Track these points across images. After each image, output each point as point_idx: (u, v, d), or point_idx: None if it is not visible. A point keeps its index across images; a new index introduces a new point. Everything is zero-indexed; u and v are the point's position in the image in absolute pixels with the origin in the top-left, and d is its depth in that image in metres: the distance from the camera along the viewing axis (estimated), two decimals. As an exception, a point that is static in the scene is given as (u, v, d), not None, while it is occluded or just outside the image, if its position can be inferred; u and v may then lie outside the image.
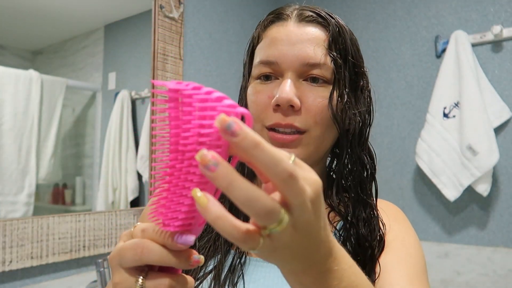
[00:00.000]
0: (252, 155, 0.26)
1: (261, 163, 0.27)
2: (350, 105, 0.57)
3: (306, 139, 0.56)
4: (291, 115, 0.55)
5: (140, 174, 1.43)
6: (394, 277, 0.51)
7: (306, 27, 0.58)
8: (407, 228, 0.61)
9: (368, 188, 0.60)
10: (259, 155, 0.26)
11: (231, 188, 0.26)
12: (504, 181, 1.60)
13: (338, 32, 0.58)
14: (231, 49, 1.80)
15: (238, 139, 0.26)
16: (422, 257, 0.57)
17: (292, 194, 0.27)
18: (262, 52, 0.59)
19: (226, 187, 0.26)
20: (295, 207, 0.28)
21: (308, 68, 0.56)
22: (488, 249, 1.59)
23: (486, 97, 1.58)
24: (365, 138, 0.60)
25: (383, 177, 1.85)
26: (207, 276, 0.55)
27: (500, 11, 1.63)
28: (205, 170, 0.26)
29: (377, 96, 1.88)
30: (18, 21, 1.13)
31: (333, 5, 2.05)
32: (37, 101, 1.15)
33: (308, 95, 0.55)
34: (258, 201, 0.26)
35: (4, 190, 1.07)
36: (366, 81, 0.61)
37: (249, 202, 0.26)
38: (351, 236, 0.56)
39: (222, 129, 0.26)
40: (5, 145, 1.08)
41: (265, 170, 0.27)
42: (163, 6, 1.50)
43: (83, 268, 1.24)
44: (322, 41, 0.57)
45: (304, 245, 0.31)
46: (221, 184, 0.26)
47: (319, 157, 0.59)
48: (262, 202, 0.26)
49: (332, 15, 0.60)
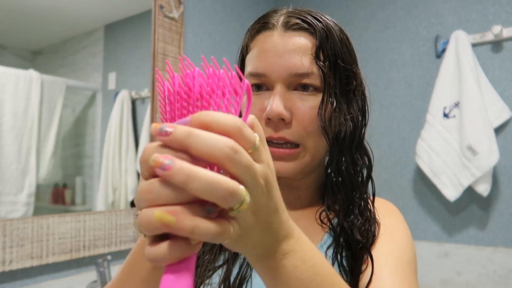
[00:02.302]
0: (190, 144, 0.27)
1: (201, 149, 0.27)
2: (340, 111, 0.57)
3: (302, 152, 0.57)
4: (282, 128, 0.56)
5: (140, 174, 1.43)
6: (378, 266, 0.52)
7: (292, 36, 0.57)
8: (398, 222, 0.61)
9: (363, 189, 0.60)
10: (194, 141, 0.27)
11: (190, 180, 0.26)
12: (504, 181, 1.60)
13: (326, 36, 0.57)
14: (231, 49, 1.80)
15: (171, 136, 0.27)
16: (411, 250, 0.57)
17: (241, 168, 0.28)
18: (251, 63, 0.59)
19: (185, 180, 0.26)
20: (248, 183, 0.28)
21: (296, 78, 0.56)
22: (488, 249, 1.59)
23: (486, 97, 1.58)
24: (360, 140, 0.60)
25: (383, 177, 1.85)
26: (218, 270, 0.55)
27: (500, 11, 1.63)
28: (161, 172, 0.26)
29: (377, 96, 1.88)
30: (18, 21, 1.13)
31: (333, 5, 2.05)
32: (37, 101, 1.16)
33: (299, 106, 0.56)
34: (220, 184, 0.26)
35: (4, 190, 1.07)
36: (359, 81, 0.61)
37: (211, 188, 0.26)
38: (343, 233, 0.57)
39: (156, 134, 0.28)
40: (5, 145, 1.08)
41: (208, 153, 0.27)
42: (163, 6, 1.50)
43: (83, 268, 1.24)
44: (309, 49, 0.56)
45: (264, 227, 0.32)
46: (179, 179, 0.26)
47: (315, 164, 0.60)
48: (224, 184, 0.26)
49: (320, 18, 0.58)
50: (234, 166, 0.27)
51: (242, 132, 0.29)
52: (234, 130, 0.28)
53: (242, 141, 0.29)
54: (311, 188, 0.63)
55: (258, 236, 0.32)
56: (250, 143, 0.29)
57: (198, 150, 0.27)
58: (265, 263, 0.35)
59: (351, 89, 0.59)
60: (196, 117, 0.28)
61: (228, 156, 0.27)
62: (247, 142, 0.29)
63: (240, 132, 0.28)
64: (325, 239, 0.59)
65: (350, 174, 0.59)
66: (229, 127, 0.28)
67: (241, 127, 0.29)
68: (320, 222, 0.59)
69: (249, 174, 0.28)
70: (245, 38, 0.64)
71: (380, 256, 0.54)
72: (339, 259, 0.56)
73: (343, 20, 2.01)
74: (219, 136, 0.27)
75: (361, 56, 1.97)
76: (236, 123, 0.28)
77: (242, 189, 0.28)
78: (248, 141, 0.29)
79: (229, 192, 0.27)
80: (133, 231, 1.35)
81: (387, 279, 0.50)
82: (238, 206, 0.28)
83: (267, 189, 0.31)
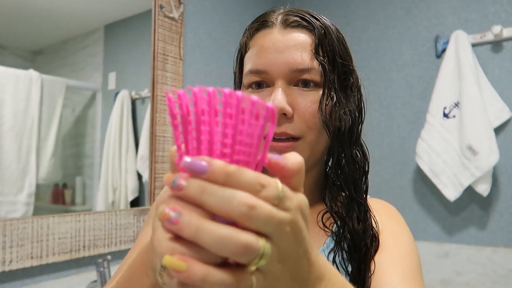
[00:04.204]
0: (204, 202, 0.25)
1: (216, 207, 0.25)
2: (340, 106, 0.58)
3: (301, 145, 0.57)
4: (284, 123, 0.56)
5: (140, 174, 1.43)
6: (388, 276, 0.52)
7: (292, 33, 0.58)
8: (401, 226, 0.61)
9: (362, 186, 0.60)
10: (208, 199, 0.25)
11: (199, 234, 0.25)
12: (504, 181, 1.60)
13: (324, 34, 0.58)
14: (231, 49, 1.80)
15: (184, 192, 0.26)
16: (417, 255, 0.57)
17: (260, 222, 0.26)
18: (251, 61, 0.59)
19: (194, 234, 0.25)
20: (271, 234, 0.26)
21: (297, 74, 0.57)
22: (488, 249, 1.59)
23: (486, 97, 1.58)
24: (357, 136, 0.61)
25: (383, 177, 1.85)
26: None
27: (500, 11, 1.63)
28: (168, 225, 0.25)
29: (377, 96, 1.88)
30: (18, 21, 1.13)
31: (333, 5, 2.05)
32: (37, 101, 1.16)
33: (300, 101, 0.56)
34: (231, 239, 0.25)
35: (4, 190, 1.07)
36: (356, 78, 0.62)
37: (222, 243, 0.25)
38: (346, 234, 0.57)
39: (169, 187, 0.26)
40: (5, 145, 1.08)
41: (223, 212, 0.25)
42: (163, 6, 1.50)
43: (83, 268, 1.24)
44: (309, 45, 0.57)
45: (293, 273, 0.29)
46: (188, 234, 0.25)
47: (315, 160, 0.60)
48: (235, 239, 0.25)
49: (317, 17, 0.60)
50: (252, 223, 0.26)
51: (262, 190, 0.26)
52: (253, 188, 0.26)
53: (263, 198, 0.26)
54: (311, 187, 0.63)
55: (286, 283, 0.29)
56: (272, 198, 0.27)
57: (212, 208, 0.25)
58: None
59: (349, 85, 0.60)
60: (215, 167, 0.26)
61: (245, 214, 0.25)
62: (269, 198, 0.26)
63: (261, 190, 0.26)
64: (328, 243, 0.59)
65: (350, 170, 0.59)
66: (248, 185, 0.26)
67: (261, 184, 0.26)
68: (322, 225, 0.59)
69: (271, 226, 0.26)
70: (243, 37, 0.64)
71: (389, 264, 0.54)
72: (344, 265, 0.56)
73: (343, 20, 2.01)
74: (235, 192, 0.26)
75: (361, 56, 1.99)
76: (256, 179, 0.26)
77: (259, 243, 0.26)
78: (271, 197, 0.27)
79: (243, 247, 0.25)
80: (133, 231, 1.35)
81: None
82: (257, 260, 0.26)
83: (295, 235, 0.28)
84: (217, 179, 0.26)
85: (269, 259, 0.26)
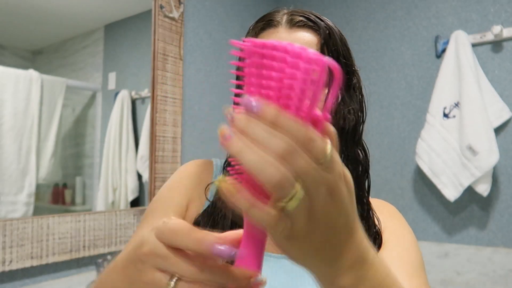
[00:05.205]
0: (249, 130, 0.27)
1: (258, 137, 0.26)
2: (345, 104, 0.59)
3: None
4: None
5: (140, 174, 1.43)
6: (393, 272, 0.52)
7: (297, 32, 0.59)
8: (402, 224, 0.62)
9: (364, 185, 0.61)
10: (253, 129, 0.26)
11: (244, 152, 0.26)
12: (504, 181, 1.60)
13: (329, 34, 0.59)
14: (231, 49, 1.80)
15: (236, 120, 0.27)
16: (419, 253, 0.58)
17: (297, 171, 0.26)
18: None
19: (240, 150, 0.26)
20: (308, 187, 0.26)
21: None
22: (488, 249, 1.59)
23: (486, 97, 1.58)
24: (360, 135, 0.62)
25: (383, 177, 1.85)
26: None
27: (500, 11, 1.63)
28: (223, 140, 0.27)
29: (377, 96, 1.88)
30: (18, 21, 1.13)
31: (333, 5, 2.05)
32: (37, 101, 1.16)
33: None
34: (271, 167, 0.25)
35: (4, 190, 1.07)
36: (358, 79, 0.63)
37: (260, 166, 0.25)
38: None
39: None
40: (5, 145, 1.08)
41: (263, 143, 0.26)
42: (163, 6, 1.50)
43: (83, 268, 1.24)
44: (314, 45, 0.58)
45: (324, 242, 0.29)
46: (234, 148, 0.26)
47: None
48: (274, 169, 0.25)
49: (321, 18, 0.61)
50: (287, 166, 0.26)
51: (309, 143, 0.26)
52: (301, 139, 0.26)
53: (308, 150, 0.26)
54: None
55: (315, 251, 0.29)
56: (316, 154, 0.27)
57: (253, 138, 0.26)
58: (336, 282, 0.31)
59: (352, 85, 0.61)
60: (267, 109, 0.26)
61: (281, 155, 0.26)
62: (314, 153, 0.26)
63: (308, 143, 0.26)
64: None
65: (353, 169, 0.60)
66: (296, 136, 0.26)
67: (309, 138, 0.26)
68: None
69: (308, 178, 0.26)
70: (247, 36, 0.65)
71: (393, 260, 0.54)
72: None
73: (343, 20, 2.01)
74: (277, 134, 0.26)
75: (361, 56, 1.99)
76: (304, 133, 0.26)
77: (294, 183, 0.26)
78: (316, 152, 0.26)
79: (278, 177, 0.25)
80: (133, 231, 1.35)
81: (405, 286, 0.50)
82: (287, 199, 0.26)
83: (333, 200, 0.28)
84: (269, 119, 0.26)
85: (299, 206, 0.26)
